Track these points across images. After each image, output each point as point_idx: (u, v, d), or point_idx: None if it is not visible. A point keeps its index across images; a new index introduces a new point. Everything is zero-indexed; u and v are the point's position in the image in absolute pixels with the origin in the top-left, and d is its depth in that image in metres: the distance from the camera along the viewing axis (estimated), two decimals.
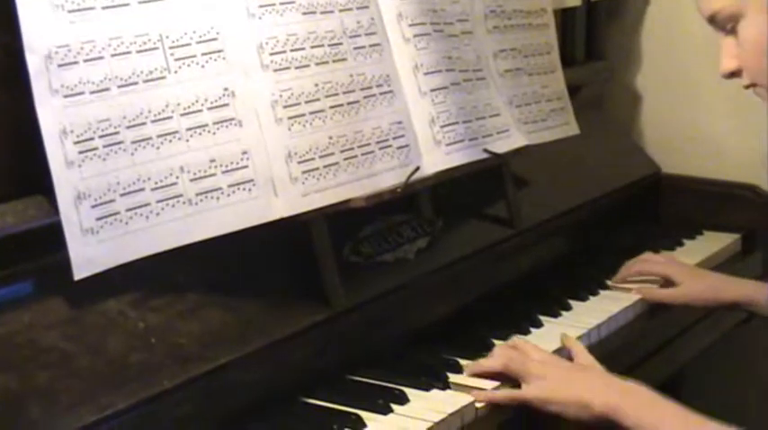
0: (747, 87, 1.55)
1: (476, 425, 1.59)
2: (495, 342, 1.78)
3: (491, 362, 1.68)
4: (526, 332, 1.85)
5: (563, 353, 1.75)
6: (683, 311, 2.03)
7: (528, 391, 1.60)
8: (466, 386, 1.64)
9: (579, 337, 1.83)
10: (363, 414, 1.54)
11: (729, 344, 2.33)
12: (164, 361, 1.44)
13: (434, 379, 1.65)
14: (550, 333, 1.85)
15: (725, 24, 1.53)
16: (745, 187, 2.36)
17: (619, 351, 1.88)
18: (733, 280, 2.02)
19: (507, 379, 1.65)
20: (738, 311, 2.06)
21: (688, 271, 2.07)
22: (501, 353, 1.68)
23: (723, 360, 2.51)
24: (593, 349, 1.83)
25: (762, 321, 2.00)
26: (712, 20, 1.55)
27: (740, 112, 2.45)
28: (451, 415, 1.55)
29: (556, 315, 1.93)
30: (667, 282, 2.05)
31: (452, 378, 1.66)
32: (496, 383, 1.65)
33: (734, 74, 1.54)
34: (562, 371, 1.63)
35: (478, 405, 1.60)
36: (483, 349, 1.75)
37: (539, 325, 1.88)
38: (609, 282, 2.08)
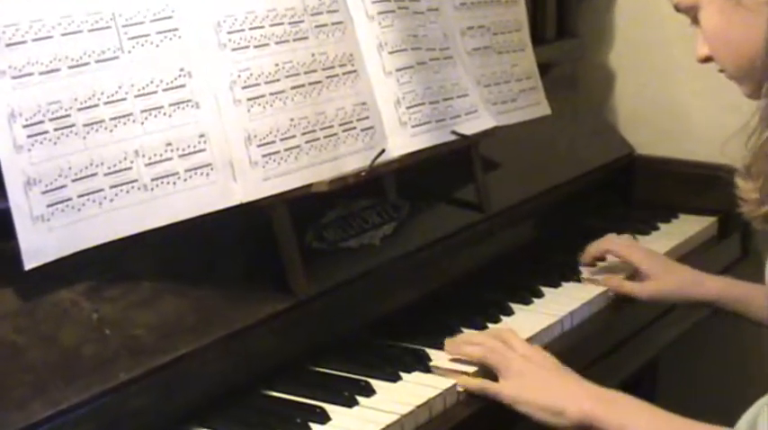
0: (721, 71, 1.58)
1: (444, 417, 1.59)
2: (465, 330, 1.79)
3: (470, 349, 1.67)
4: (496, 320, 1.86)
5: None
6: None
7: (503, 387, 1.60)
8: (441, 369, 1.66)
9: (551, 325, 1.84)
10: (328, 407, 1.54)
11: (703, 332, 2.35)
12: (119, 353, 1.44)
13: (402, 369, 1.65)
14: (522, 321, 1.86)
15: (688, 14, 1.56)
16: (721, 168, 2.36)
17: (592, 338, 1.89)
18: (707, 275, 1.99)
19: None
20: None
21: (661, 263, 2.03)
22: (482, 342, 1.68)
23: (697, 347, 2.53)
24: (565, 337, 1.85)
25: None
26: (677, 10, 1.58)
27: (716, 91, 2.46)
28: (419, 406, 1.56)
29: (527, 302, 1.94)
30: (635, 274, 2.01)
31: (420, 367, 1.67)
32: (474, 368, 1.65)
33: (708, 59, 1.57)
34: (543, 371, 1.61)
35: (448, 397, 1.61)
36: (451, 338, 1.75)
37: (509, 312, 1.89)
38: (580, 268, 2.08)
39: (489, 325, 1.83)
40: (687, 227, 2.38)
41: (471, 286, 2.00)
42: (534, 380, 1.59)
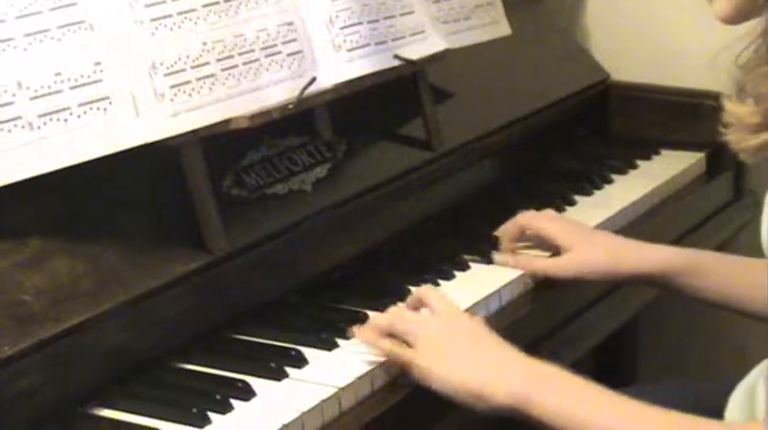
0: None
1: (389, 389, 1.60)
2: (412, 289, 1.79)
3: (380, 317, 1.66)
4: (449, 277, 1.87)
5: (491, 305, 1.78)
6: None
7: (414, 356, 1.55)
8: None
9: (513, 281, 1.85)
10: (252, 380, 1.55)
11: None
12: (3, 323, 1.43)
13: (339, 335, 1.66)
14: (478, 277, 1.87)
15: None
16: (709, 95, 2.39)
17: (562, 295, 1.90)
18: (648, 245, 1.89)
19: None
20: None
21: (584, 234, 1.93)
22: (398, 307, 1.67)
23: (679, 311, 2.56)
24: (529, 296, 1.86)
25: None
26: None
27: (704, 7, 2.47)
28: (360, 378, 1.56)
29: (484, 255, 1.94)
30: (556, 251, 1.92)
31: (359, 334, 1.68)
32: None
33: None
34: (465, 341, 1.55)
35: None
36: (397, 299, 1.76)
37: (464, 267, 1.90)
38: (494, 254, 1.96)
39: (441, 282, 1.84)
40: (670, 165, 2.40)
41: (420, 238, 2.01)
42: (452, 352, 1.54)
